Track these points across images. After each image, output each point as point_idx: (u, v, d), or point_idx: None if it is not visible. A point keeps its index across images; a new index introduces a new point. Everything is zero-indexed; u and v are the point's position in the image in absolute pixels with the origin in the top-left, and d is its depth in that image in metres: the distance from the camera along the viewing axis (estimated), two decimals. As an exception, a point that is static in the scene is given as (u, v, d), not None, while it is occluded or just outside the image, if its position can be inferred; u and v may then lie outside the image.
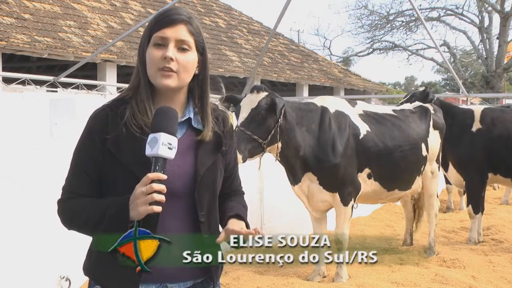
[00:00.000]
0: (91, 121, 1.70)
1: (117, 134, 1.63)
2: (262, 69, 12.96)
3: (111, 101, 1.73)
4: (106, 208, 1.60)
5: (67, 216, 1.69)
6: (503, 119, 6.14)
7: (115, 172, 1.64)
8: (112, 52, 10.06)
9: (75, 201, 1.67)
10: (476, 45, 25.33)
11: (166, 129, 1.55)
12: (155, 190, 1.50)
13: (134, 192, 1.54)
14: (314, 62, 16.40)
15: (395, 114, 5.26)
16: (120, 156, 1.63)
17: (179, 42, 1.65)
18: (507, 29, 23.91)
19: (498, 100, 15.08)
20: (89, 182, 1.68)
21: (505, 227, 6.79)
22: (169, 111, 1.60)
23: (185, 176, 1.66)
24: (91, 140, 1.67)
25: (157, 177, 1.51)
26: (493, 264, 5.17)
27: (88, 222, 1.63)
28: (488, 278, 4.77)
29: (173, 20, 1.66)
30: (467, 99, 10.32)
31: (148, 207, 1.52)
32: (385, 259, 5.38)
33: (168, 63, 1.62)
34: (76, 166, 1.70)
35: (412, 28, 26.03)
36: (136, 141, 1.62)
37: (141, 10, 12.76)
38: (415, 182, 5.30)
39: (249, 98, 4.34)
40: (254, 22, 16.19)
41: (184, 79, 1.67)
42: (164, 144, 1.52)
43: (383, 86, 21.53)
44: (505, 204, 8.92)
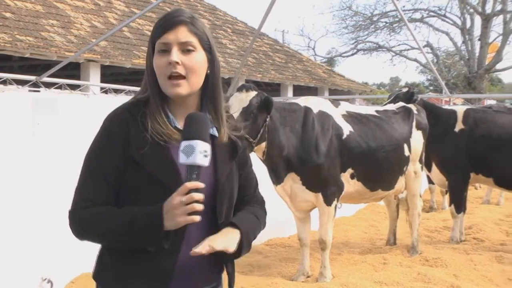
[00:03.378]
0: (109, 124, 1.62)
1: (141, 142, 1.56)
2: (246, 69, 12.96)
3: (126, 105, 1.65)
4: (135, 217, 1.51)
5: (84, 226, 1.58)
6: (485, 119, 6.21)
7: (138, 180, 1.57)
8: (96, 52, 9.98)
9: (94, 210, 1.57)
10: (458, 46, 25.57)
11: (200, 136, 1.48)
12: (195, 200, 1.45)
13: (170, 202, 1.47)
14: (299, 62, 16.44)
15: (378, 115, 5.30)
16: (146, 164, 1.55)
17: (181, 45, 1.58)
18: (488, 31, 24.20)
19: (480, 100, 15.25)
20: (108, 190, 1.58)
21: (486, 226, 6.87)
22: (201, 117, 1.54)
23: (206, 184, 1.56)
24: (112, 145, 1.58)
25: (196, 186, 1.46)
26: (474, 262, 5.23)
27: (111, 232, 1.54)
28: (469, 277, 4.82)
29: (172, 23, 1.60)
30: (450, 100, 10.41)
31: (187, 217, 1.46)
32: (369, 259, 5.42)
33: (174, 68, 1.56)
34: (94, 172, 1.59)
35: (396, 29, 26.22)
36: (162, 150, 1.56)
37: (125, 10, 12.67)
38: (398, 182, 5.34)
39: (238, 96, 4.31)
40: (238, 22, 16.18)
41: (195, 82, 1.61)
42: (200, 152, 1.46)
43: (367, 86, 21.64)
44: (486, 203, 9.03)
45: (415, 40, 10.74)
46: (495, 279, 4.83)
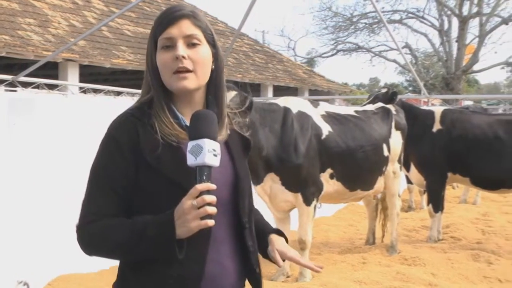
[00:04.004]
0: (114, 131, 1.52)
1: (154, 145, 1.47)
2: (226, 70, 12.91)
3: (131, 109, 1.56)
4: (145, 227, 1.41)
5: (93, 241, 1.49)
6: (462, 120, 6.30)
7: (155, 185, 1.47)
8: (74, 51, 9.87)
9: (103, 222, 1.47)
10: (436, 48, 25.89)
11: (208, 135, 1.41)
12: (207, 202, 1.36)
13: (181, 207, 1.38)
14: (279, 62, 16.47)
15: (357, 115, 5.33)
16: (161, 167, 1.46)
17: (187, 38, 1.52)
18: (465, 33, 24.55)
19: (457, 101, 15.44)
20: (118, 201, 1.48)
21: (463, 225, 6.97)
22: (208, 114, 1.47)
23: (227, 182, 1.53)
24: (121, 152, 1.48)
25: (207, 187, 1.36)
26: (451, 261, 5.30)
27: (123, 245, 1.44)
28: (447, 275, 4.89)
29: (175, 17, 1.53)
30: (428, 100, 10.52)
31: (201, 222, 1.36)
32: (348, 258, 5.45)
33: (181, 62, 1.49)
34: (102, 183, 1.50)
35: (375, 30, 26.45)
36: (175, 151, 1.48)
37: (104, 9, 12.56)
38: (377, 182, 5.38)
39: None
40: (219, 23, 16.15)
41: (202, 76, 1.54)
42: (209, 151, 1.38)
43: (347, 87, 21.79)
44: (463, 203, 9.15)
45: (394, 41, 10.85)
46: (471, 277, 4.90)
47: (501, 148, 5.97)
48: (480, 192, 8.70)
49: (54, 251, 4.65)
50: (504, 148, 5.95)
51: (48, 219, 4.60)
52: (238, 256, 1.55)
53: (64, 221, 4.79)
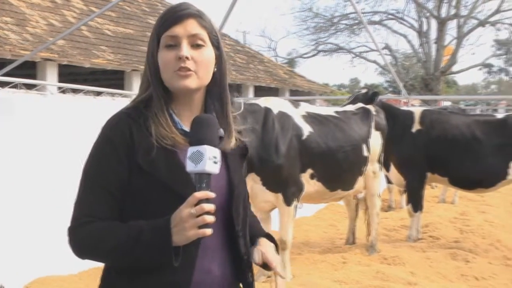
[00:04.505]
0: (108, 131, 1.48)
1: (148, 148, 1.43)
2: (208, 70, 12.91)
3: (126, 109, 1.52)
4: (140, 232, 1.37)
5: (85, 244, 1.44)
6: (440, 120, 6.38)
7: (148, 189, 1.43)
8: (53, 51, 9.76)
9: (96, 225, 1.42)
10: (416, 49, 26.18)
11: (209, 141, 1.36)
12: (206, 211, 1.32)
13: (178, 215, 1.34)
14: (260, 63, 16.49)
15: (338, 116, 5.36)
16: (154, 171, 1.42)
17: (192, 38, 1.47)
18: (444, 34, 24.90)
19: (436, 102, 15.63)
20: (111, 203, 1.45)
21: (441, 224, 7.06)
22: (209, 120, 1.42)
23: (220, 189, 1.48)
24: (115, 153, 1.44)
25: (206, 196, 1.33)
26: (430, 260, 5.36)
27: (117, 250, 1.40)
28: (425, 274, 4.95)
29: (181, 16, 1.48)
30: (408, 101, 10.63)
31: (198, 230, 1.33)
32: (329, 258, 5.48)
33: (184, 62, 1.45)
34: (95, 184, 1.46)
35: (356, 31, 26.66)
36: (170, 155, 1.44)
37: (84, 8, 12.44)
38: (358, 182, 5.42)
39: None
40: (200, 23, 16.11)
41: (204, 78, 1.50)
42: (210, 159, 1.33)
43: (327, 87, 21.90)
44: (442, 202, 9.27)
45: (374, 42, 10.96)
46: (449, 275, 4.97)
47: (478, 148, 6.06)
48: (458, 192, 8.81)
49: (31, 253, 4.59)
50: (481, 148, 6.04)
51: (25, 220, 4.54)
52: (230, 264, 1.51)
53: (41, 222, 4.74)
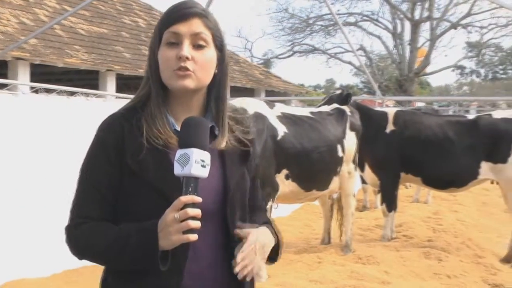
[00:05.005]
0: (102, 133, 1.47)
1: (137, 148, 1.41)
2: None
3: (122, 110, 1.50)
4: (129, 235, 1.37)
5: (79, 245, 1.45)
6: (414, 121, 6.46)
7: (136, 191, 1.42)
8: (25, 50, 9.59)
9: (88, 227, 1.43)
10: (390, 50, 26.51)
11: (197, 144, 1.32)
12: (190, 216, 1.29)
13: (164, 219, 1.32)
14: (236, 63, 16.48)
15: (313, 116, 5.40)
16: (144, 173, 1.40)
17: (194, 38, 1.44)
18: (417, 36, 25.27)
19: (410, 102, 15.83)
20: (103, 204, 1.44)
21: (415, 223, 7.15)
22: (200, 122, 1.38)
23: (214, 192, 1.45)
24: (106, 154, 1.44)
25: (191, 200, 1.29)
26: (403, 259, 5.43)
27: (106, 252, 1.40)
28: (399, 273, 5.01)
29: (186, 13, 1.44)
30: (383, 102, 10.75)
31: (182, 236, 1.30)
32: (304, 258, 5.51)
33: (184, 62, 1.42)
34: (87, 186, 1.46)
35: (331, 32, 26.87)
36: (160, 156, 1.41)
37: (57, 7, 12.26)
38: (332, 183, 5.45)
39: None
40: (175, 23, 16.03)
41: (203, 79, 1.46)
42: (197, 162, 1.30)
43: (303, 88, 22.00)
44: (415, 202, 9.40)
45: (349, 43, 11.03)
46: (422, 274, 5.04)
47: (450, 148, 6.15)
48: (432, 191, 8.95)
49: (2, 256, 4.51)
50: (453, 148, 6.13)
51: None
52: (223, 269, 1.46)
53: (12, 224, 4.65)
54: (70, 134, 5.29)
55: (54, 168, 5.10)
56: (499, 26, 25.72)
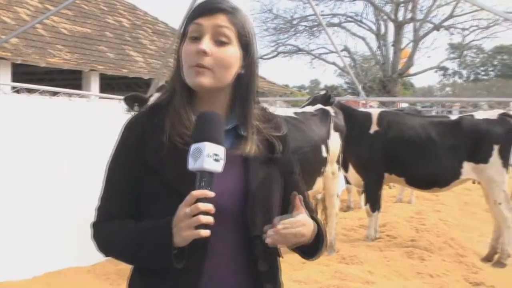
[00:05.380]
0: (125, 131, 1.47)
1: (157, 146, 1.40)
2: (167, 70, 12.79)
3: (146, 108, 1.51)
4: (146, 233, 1.36)
5: (103, 242, 1.47)
6: (397, 121, 6.49)
7: (156, 189, 1.41)
8: (6, 49, 9.48)
9: (111, 224, 1.45)
10: (374, 51, 26.67)
11: (210, 138, 1.30)
12: (202, 211, 1.27)
13: (177, 214, 1.30)
14: (220, 64, 16.47)
15: (297, 117, 5.40)
16: (162, 171, 1.39)
17: (216, 33, 1.40)
18: (401, 37, 25.46)
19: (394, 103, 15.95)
20: (125, 202, 1.45)
21: (398, 223, 7.20)
22: (213, 117, 1.35)
23: (235, 192, 1.42)
24: (127, 153, 1.45)
25: (203, 194, 1.28)
26: (387, 259, 5.46)
27: (126, 249, 1.41)
28: (383, 272, 5.04)
29: (212, 8, 1.42)
30: (366, 102, 10.80)
31: (194, 231, 1.28)
32: (288, 258, 5.49)
33: (202, 59, 1.38)
34: (111, 183, 1.48)
35: (315, 33, 26.95)
36: (179, 154, 1.37)
37: (39, 6, 12.13)
38: (317, 183, 5.46)
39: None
40: (159, 23, 15.95)
41: (221, 77, 1.42)
42: (209, 156, 1.28)
43: (287, 88, 22.03)
44: (399, 202, 9.46)
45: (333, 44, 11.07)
46: (405, 273, 5.08)
47: (433, 149, 6.19)
48: (415, 192, 9.02)
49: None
50: (436, 149, 6.18)
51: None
52: (243, 272, 1.43)
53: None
54: (52, 135, 5.24)
55: (36, 169, 5.04)
56: (480, 28, 26.05)
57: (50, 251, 5.02)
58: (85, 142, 5.46)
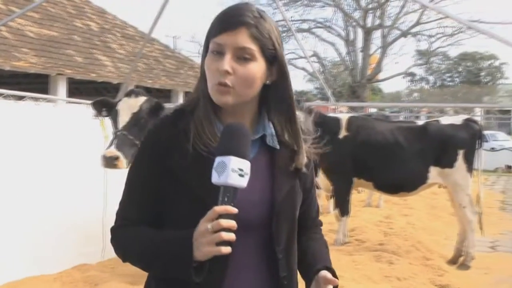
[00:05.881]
0: (149, 137, 1.45)
1: (182, 153, 1.37)
2: (136, 75, 12.69)
3: (170, 113, 1.47)
4: (165, 243, 1.34)
5: (120, 247, 1.45)
6: (366, 126, 6.57)
7: (179, 197, 1.38)
8: (-30, 52, 9.25)
9: (128, 229, 1.43)
10: (343, 57, 26.99)
11: (236, 152, 1.26)
12: (224, 227, 1.23)
13: (198, 228, 1.27)
14: (190, 69, 16.39)
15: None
16: (187, 179, 1.37)
17: (238, 51, 1.36)
18: (369, 43, 25.83)
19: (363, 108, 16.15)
20: (143, 208, 1.43)
21: (367, 227, 7.29)
22: (240, 129, 1.31)
23: (260, 205, 1.39)
24: (150, 159, 1.42)
25: (226, 211, 1.24)
26: (356, 262, 5.52)
27: (143, 257, 1.39)
28: (352, 276, 5.08)
29: (233, 23, 1.37)
30: (336, 108, 10.90)
31: (214, 248, 1.24)
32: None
33: (224, 77, 1.35)
34: (131, 188, 1.46)
35: (285, 39, 27.08)
36: (204, 161, 1.35)
37: (2, 8, 11.87)
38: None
39: (127, 102, 4.22)
40: (128, 27, 15.80)
41: (244, 94, 1.39)
42: (234, 171, 1.24)
43: (258, 94, 22.10)
44: (368, 206, 9.58)
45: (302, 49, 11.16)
46: (374, 277, 5.14)
47: (401, 153, 6.28)
48: (383, 196, 9.14)
49: None
50: (403, 153, 6.27)
51: None
52: (266, 286, 1.41)
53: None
54: (18, 140, 5.13)
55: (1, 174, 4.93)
56: (446, 36, 26.67)
57: (11, 260, 4.91)
58: (52, 148, 5.36)
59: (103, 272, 5.20)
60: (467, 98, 33.57)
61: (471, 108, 13.13)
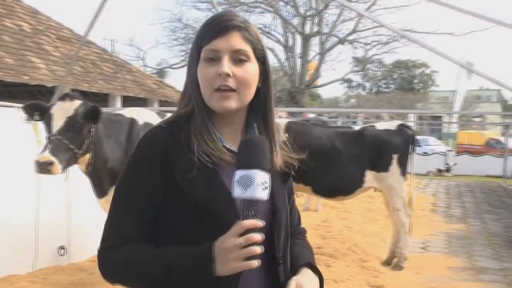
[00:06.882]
0: (146, 148, 1.37)
1: (187, 165, 1.32)
2: (72, 78, 12.33)
3: (166, 123, 1.41)
4: (176, 261, 1.27)
5: (115, 269, 1.35)
6: (304, 131, 6.65)
7: (186, 211, 1.33)
8: None
9: (126, 249, 1.33)
10: (282, 63, 27.30)
11: (260, 165, 1.25)
12: (254, 242, 1.21)
13: (223, 244, 1.23)
14: (128, 73, 16.11)
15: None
16: (194, 191, 1.32)
17: (234, 53, 1.37)
18: (308, 50, 26.29)
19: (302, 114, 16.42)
20: (144, 224, 1.35)
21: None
22: (260, 142, 1.30)
23: (265, 213, 1.38)
24: (150, 171, 1.34)
25: (255, 225, 1.21)
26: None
27: (146, 278, 1.30)
28: (291, 280, 5.12)
29: (224, 28, 1.37)
30: (276, 113, 11.03)
31: (244, 262, 1.21)
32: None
33: (225, 80, 1.34)
34: (128, 204, 1.36)
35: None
36: (209, 173, 1.32)
37: None
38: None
39: (61, 106, 4.07)
40: (64, 29, 15.34)
41: (246, 97, 1.40)
42: (259, 185, 1.22)
43: (198, 98, 22.00)
44: (306, 210, 9.70)
45: (242, 55, 11.09)
46: (312, 281, 5.20)
47: (337, 158, 6.40)
48: (321, 200, 9.29)
49: None
50: (340, 158, 6.39)
51: None
52: None
53: None
54: None
55: None
56: (381, 44, 27.52)
57: None
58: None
59: (33, 283, 4.99)
60: (402, 105, 34.82)
61: (405, 114, 13.61)
